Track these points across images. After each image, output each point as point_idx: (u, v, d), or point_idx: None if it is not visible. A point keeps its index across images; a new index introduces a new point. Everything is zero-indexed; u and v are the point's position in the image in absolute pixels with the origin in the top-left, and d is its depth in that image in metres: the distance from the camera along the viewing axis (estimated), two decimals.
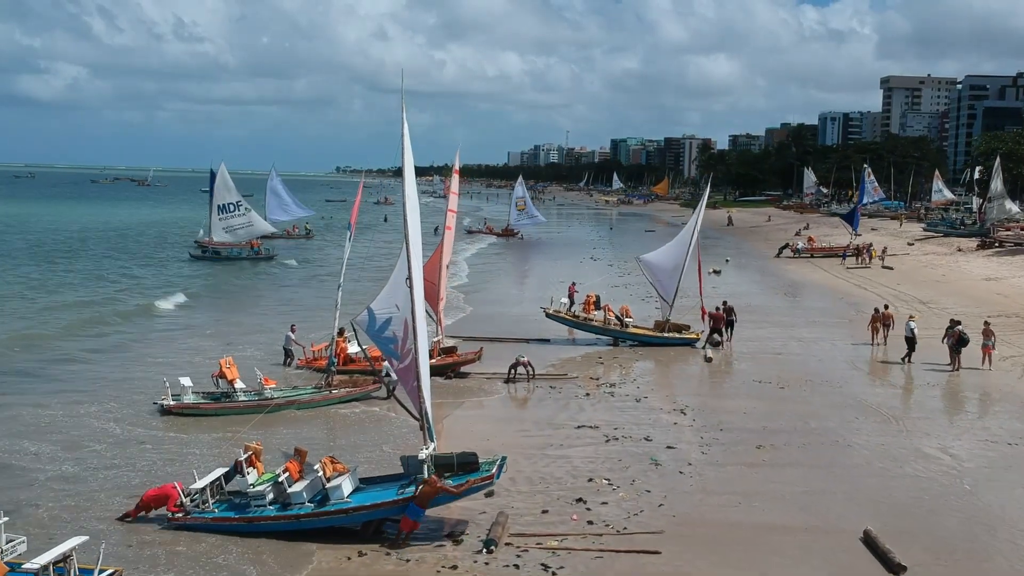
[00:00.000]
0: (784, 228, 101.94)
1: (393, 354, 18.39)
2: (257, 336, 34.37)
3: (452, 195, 29.56)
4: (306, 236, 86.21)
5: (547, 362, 31.02)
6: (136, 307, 42.19)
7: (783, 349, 33.24)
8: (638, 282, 52.07)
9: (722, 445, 21.15)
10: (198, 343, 33.64)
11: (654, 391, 26.69)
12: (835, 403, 25.27)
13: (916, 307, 43.46)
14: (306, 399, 24.60)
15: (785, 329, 37.48)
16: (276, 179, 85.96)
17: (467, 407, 25.10)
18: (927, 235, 77.90)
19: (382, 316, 18.69)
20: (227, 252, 65.14)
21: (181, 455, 20.54)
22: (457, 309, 42.44)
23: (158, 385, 24.27)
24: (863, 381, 28.41)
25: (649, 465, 19.63)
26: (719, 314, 34.00)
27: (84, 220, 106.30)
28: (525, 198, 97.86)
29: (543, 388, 26.88)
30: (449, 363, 28.32)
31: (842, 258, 63.44)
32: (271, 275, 57.78)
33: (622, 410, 24.34)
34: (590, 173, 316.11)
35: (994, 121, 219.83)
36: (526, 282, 56.77)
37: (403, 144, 16.98)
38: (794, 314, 41.77)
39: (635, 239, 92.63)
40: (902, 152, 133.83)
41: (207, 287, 51.07)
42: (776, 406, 24.86)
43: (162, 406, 23.43)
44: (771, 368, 29.66)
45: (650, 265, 36.37)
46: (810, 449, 20.99)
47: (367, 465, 19.69)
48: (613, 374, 29.09)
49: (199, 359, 29.58)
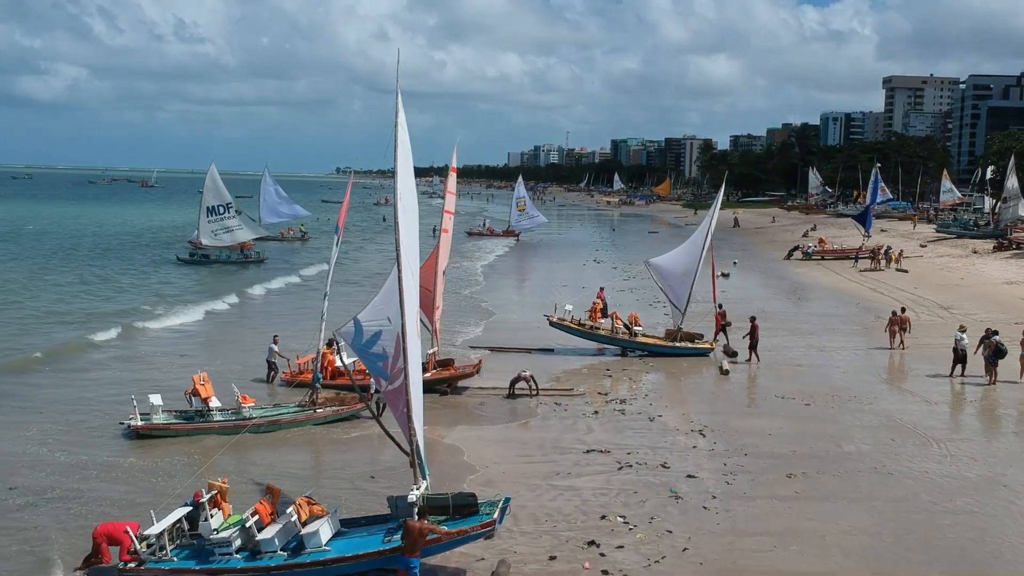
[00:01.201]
0: (790, 229, 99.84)
1: (381, 373, 16.25)
2: (237, 348, 32.17)
3: (449, 195, 27.39)
4: (301, 239, 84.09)
5: (551, 375, 28.92)
6: (109, 318, 38.59)
7: (803, 359, 31.11)
8: (644, 286, 50.02)
9: (748, 474, 18.99)
10: (172, 358, 30.91)
11: (668, 408, 24.52)
12: (867, 422, 23.13)
13: (937, 312, 41.38)
14: (288, 419, 22.46)
15: (803, 337, 35.33)
16: (270, 180, 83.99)
17: (464, 427, 22.94)
18: (939, 236, 75.66)
19: (371, 328, 16.53)
20: (216, 255, 63.03)
21: (148, 485, 18.43)
22: (479, 313, 40.69)
23: (125, 404, 22.14)
24: (893, 396, 26.23)
25: (668, 498, 17.49)
26: (716, 315, 32.72)
27: (77, 221, 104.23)
28: (525, 199, 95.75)
29: (547, 405, 24.72)
30: (445, 377, 26.19)
31: (854, 260, 61.17)
32: (259, 280, 54.92)
33: (635, 431, 22.18)
34: (591, 174, 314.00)
35: (998, 121, 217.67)
36: (526, 286, 54.51)
37: (396, 136, 14.83)
38: (810, 320, 39.59)
39: (638, 240, 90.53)
40: (908, 152, 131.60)
41: (189, 293, 48.10)
42: (803, 426, 22.71)
43: (129, 427, 21.31)
44: (792, 381, 27.53)
45: (660, 270, 34.24)
46: (846, 478, 18.83)
47: (353, 496, 17.60)
48: (622, 388, 26.95)
49: (172, 375, 27.28)
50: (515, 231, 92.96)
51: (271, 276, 54.74)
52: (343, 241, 26.86)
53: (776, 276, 58.46)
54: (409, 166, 15.04)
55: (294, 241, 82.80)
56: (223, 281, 53.77)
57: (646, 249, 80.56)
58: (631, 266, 62.82)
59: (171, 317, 39.00)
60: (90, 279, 52.62)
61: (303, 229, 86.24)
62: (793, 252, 68.34)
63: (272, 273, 56.57)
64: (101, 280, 52.39)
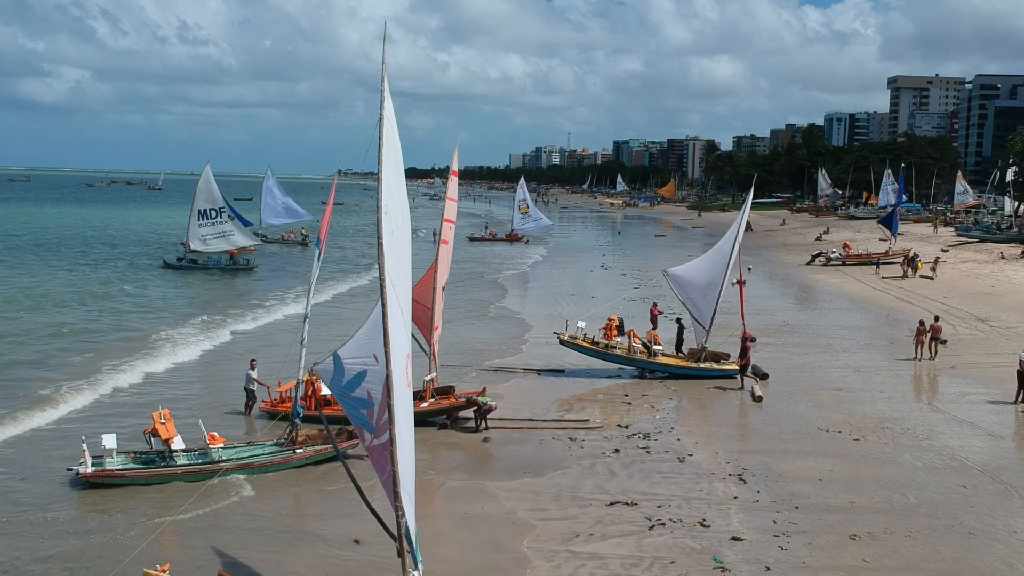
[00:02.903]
0: (800, 232, 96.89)
1: (364, 423, 13.31)
2: (211, 374, 29.01)
3: (449, 202, 24.41)
4: (302, 243, 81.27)
5: (562, 401, 25.99)
6: (66, 335, 34.48)
7: (841, 381, 28.09)
8: (657, 294, 46.95)
9: (804, 534, 16.00)
10: (134, 389, 26.68)
11: (698, 445, 21.50)
12: (928, 462, 20.14)
13: (975, 326, 38.39)
14: (262, 462, 19.46)
15: (836, 355, 32.31)
16: (272, 181, 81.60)
17: (464, 471, 19.91)
18: (961, 240, 72.53)
19: (353, 367, 13.61)
20: (204, 261, 60.10)
21: (97, 548, 15.47)
22: (485, 325, 37.39)
23: (74, 445, 19.17)
24: (951, 428, 23.16)
25: (713, 571, 14.52)
26: (744, 341, 29.25)
27: (67, 223, 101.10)
28: (528, 201, 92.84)
29: (561, 441, 21.71)
30: (444, 408, 23.22)
31: (876, 266, 57.99)
32: (245, 289, 51.50)
33: (663, 475, 19.18)
34: (593, 175, 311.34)
35: (1006, 121, 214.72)
36: (529, 295, 51.21)
37: (380, 131, 11.85)
38: (840, 335, 36.55)
39: (645, 244, 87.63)
40: (920, 152, 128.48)
41: (166, 305, 43.76)
42: (856, 468, 19.71)
43: (77, 474, 18.33)
44: (834, 409, 24.55)
45: (680, 281, 31.20)
46: (921, 539, 15.84)
47: (332, 566, 14.64)
48: (644, 419, 23.94)
49: (132, 410, 23.95)
50: (518, 235, 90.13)
51: (259, 289, 50.61)
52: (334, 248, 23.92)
53: (795, 283, 55.46)
54: (399, 171, 12.05)
55: (294, 244, 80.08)
56: (206, 291, 50.74)
57: (654, 253, 77.73)
58: (640, 272, 59.90)
59: (133, 339, 33.58)
60: (59, 288, 47.88)
61: (304, 232, 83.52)
62: (817, 257, 65.06)
63: (262, 285, 52.88)
64: (70, 286, 48.63)
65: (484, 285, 53.78)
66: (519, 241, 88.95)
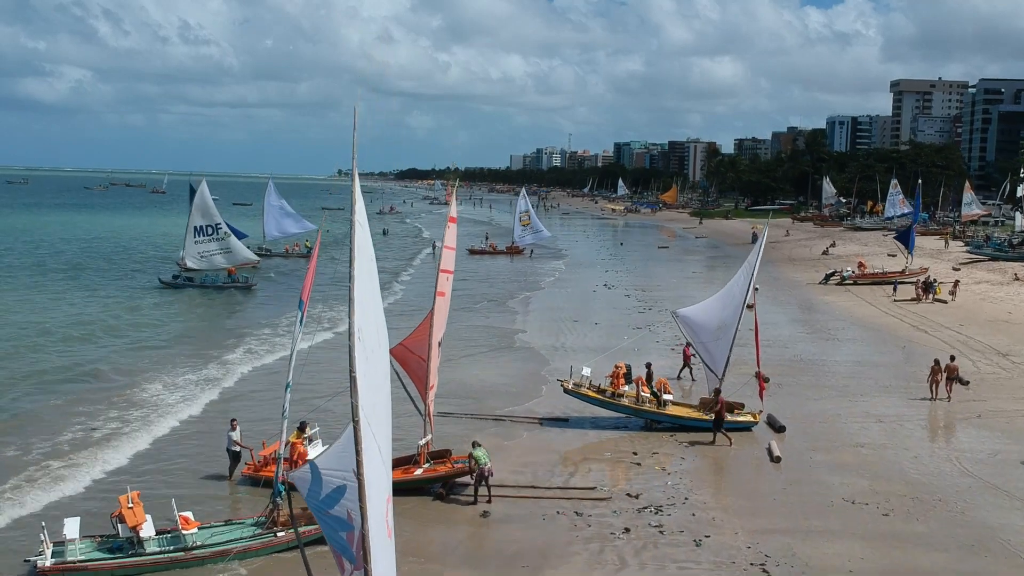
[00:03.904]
0: (806, 244, 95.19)
1: (344, 549, 11.70)
2: (193, 435, 26.38)
3: (447, 251, 22.74)
4: (307, 255, 79.72)
5: (566, 455, 24.38)
6: (40, 381, 31.59)
7: (862, 435, 26.42)
8: (662, 320, 45.42)
9: None
10: (107, 455, 23.84)
11: (715, 522, 19.78)
12: (966, 541, 18.53)
13: (997, 362, 36.75)
14: (240, 547, 17.78)
15: (853, 400, 30.58)
16: (275, 193, 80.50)
17: (458, 559, 18.21)
18: (972, 258, 70.64)
19: (332, 481, 11.95)
20: (201, 279, 58.52)
21: None
22: (483, 358, 34.81)
23: (31, 534, 17.51)
24: (988, 498, 21.38)
25: None
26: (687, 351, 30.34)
27: (62, 234, 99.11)
28: (529, 212, 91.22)
29: (567, 516, 20.05)
30: (440, 476, 21.54)
31: (893, 288, 55.78)
32: (243, 316, 49.13)
33: (679, 565, 17.51)
34: (594, 179, 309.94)
35: (1010, 126, 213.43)
36: (531, 320, 49.30)
37: (353, 238, 10.26)
38: (857, 374, 34.83)
39: (648, 259, 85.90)
40: (925, 160, 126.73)
41: (153, 342, 40.11)
42: (888, 553, 18.05)
43: (35, 567, 16.68)
44: (858, 473, 22.90)
45: (690, 323, 29.58)
46: None
47: None
48: (655, 484, 22.21)
49: (103, 486, 21.79)
50: (519, 247, 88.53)
51: (254, 318, 47.70)
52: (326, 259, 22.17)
53: (804, 307, 53.70)
54: (373, 281, 10.40)
55: (299, 257, 78.64)
56: (199, 317, 48.92)
57: (657, 269, 75.97)
58: (644, 293, 58.27)
59: (109, 392, 30.44)
60: (41, 319, 44.64)
61: (308, 245, 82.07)
62: (831, 276, 63.07)
63: (258, 313, 50.19)
64: (54, 317, 45.33)
65: (492, 309, 51.98)
66: (520, 254, 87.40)
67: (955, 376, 31.27)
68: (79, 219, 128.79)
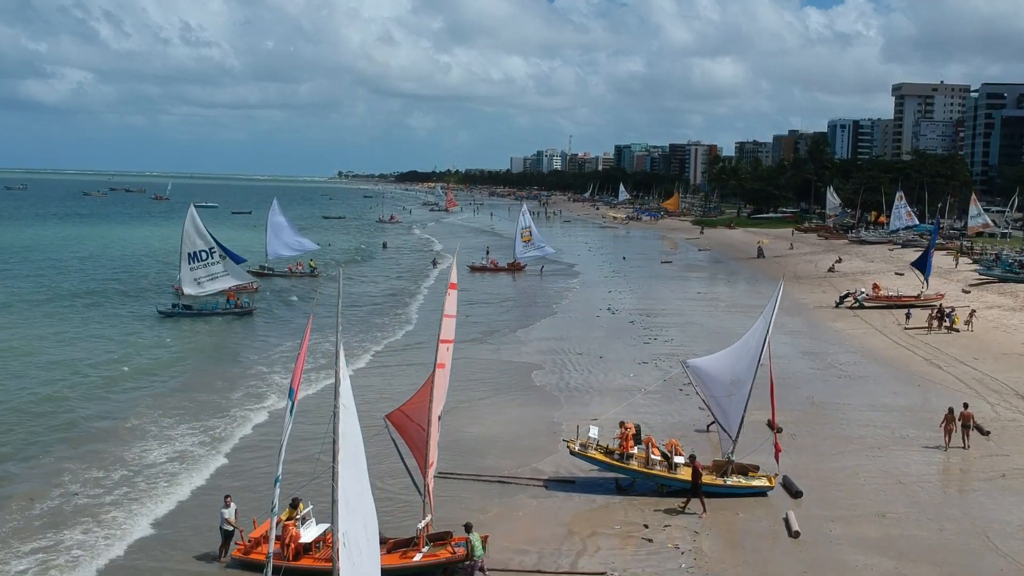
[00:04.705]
0: (812, 259, 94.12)
1: None
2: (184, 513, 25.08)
3: (447, 319, 21.62)
4: (311, 274, 78.90)
5: (573, 525, 23.24)
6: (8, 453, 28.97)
7: (884, 500, 25.17)
8: (667, 353, 44.29)
9: None
10: (77, 536, 22.26)
11: None
12: None
13: (1015, 405, 35.60)
14: None
15: (871, 455, 29.34)
16: (278, 212, 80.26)
17: None
18: (981, 279, 69.11)
19: None
20: (199, 307, 57.40)
21: None
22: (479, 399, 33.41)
23: None
24: None
25: None
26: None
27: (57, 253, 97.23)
28: (531, 228, 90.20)
29: None
30: (440, 562, 20.38)
31: (907, 315, 53.83)
32: (244, 351, 47.39)
33: None
34: (595, 183, 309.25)
35: (1013, 131, 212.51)
36: (532, 354, 47.90)
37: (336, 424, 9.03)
38: (872, 421, 33.55)
39: (651, 274, 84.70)
40: (930, 171, 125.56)
41: (150, 387, 37.91)
42: None
43: None
44: (882, 551, 21.73)
45: (701, 375, 28.35)
46: None
47: None
48: (669, 568, 20.99)
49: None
50: (521, 264, 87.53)
51: (253, 359, 44.45)
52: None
53: (813, 335, 52.35)
54: (360, 473, 9.25)
55: (303, 276, 77.77)
56: (202, 363, 47.14)
57: (660, 289, 74.39)
58: (648, 319, 57.09)
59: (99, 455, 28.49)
60: (22, 367, 40.98)
61: (313, 264, 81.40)
62: (844, 299, 61.46)
63: (257, 351, 47.62)
64: (37, 361, 42.42)
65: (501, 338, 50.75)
66: (521, 270, 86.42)
67: (970, 424, 30.34)
68: (78, 232, 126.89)
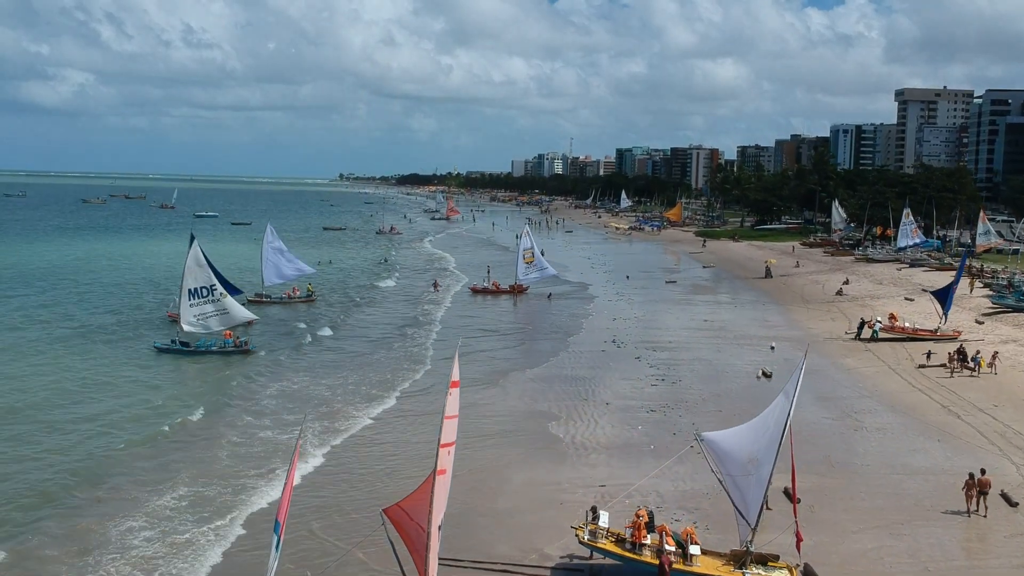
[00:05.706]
0: (818, 280, 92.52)
1: None
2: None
3: (448, 420, 20.23)
4: (308, 299, 77.68)
5: None
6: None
7: None
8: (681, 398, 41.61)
9: None
10: None
11: None
12: None
13: None
14: None
15: (894, 533, 27.87)
16: (274, 239, 79.28)
17: None
18: (995, 309, 67.26)
19: None
20: (197, 344, 55.94)
21: None
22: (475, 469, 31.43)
23: None
24: None
25: None
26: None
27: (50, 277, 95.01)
28: (533, 250, 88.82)
29: None
30: None
31: (927, 354, 51.77)
32: (243, 404, 44.69)
33: None
34: (597, 189, 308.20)
35: (1018, 137, 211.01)
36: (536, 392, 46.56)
37: None
38: (894, 487, 31.96)
39: (656, 297, 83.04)
40: (937, 185, 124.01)
41: (137, 462, 34.55)
42: None
43: None
44: None
45: (716, 451, 26.82)
46: None
47: None
48: None
49: None
50: (523, 286, 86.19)
51: (249, 420, 41.95)
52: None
53: (826, 375, 50.13)
54: None
55: (300, 302, 76.54)
56: (198, 424, 45.26)
57: (665, 317, 72.18)
58: (654, 354, 55.58)
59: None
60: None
61: (311, 288, 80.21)
62: (860, 330, 59.59)
63: (260, 395, 46.71)
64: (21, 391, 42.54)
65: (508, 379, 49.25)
66: (523, 292, 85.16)
67: (987, 490, 29.34)
68: (76, 248, 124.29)
